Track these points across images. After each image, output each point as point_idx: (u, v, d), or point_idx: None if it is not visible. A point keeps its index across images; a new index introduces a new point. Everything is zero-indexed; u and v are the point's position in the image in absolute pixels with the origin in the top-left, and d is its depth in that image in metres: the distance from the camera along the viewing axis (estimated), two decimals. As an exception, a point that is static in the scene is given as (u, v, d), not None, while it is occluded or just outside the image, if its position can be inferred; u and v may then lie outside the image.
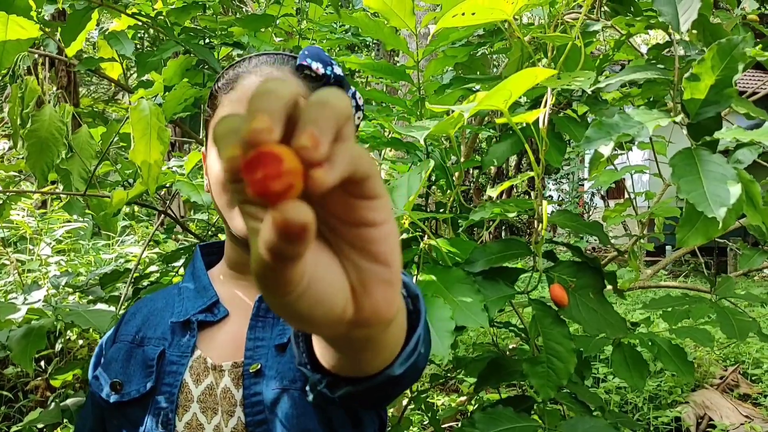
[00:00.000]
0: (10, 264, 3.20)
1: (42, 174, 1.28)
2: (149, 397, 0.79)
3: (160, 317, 0.86)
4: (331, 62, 0.83)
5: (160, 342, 0.83)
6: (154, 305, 0.88)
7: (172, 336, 0.83)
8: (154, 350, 0.82)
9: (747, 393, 3.78)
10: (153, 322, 0.86)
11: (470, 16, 1.24)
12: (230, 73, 0.85)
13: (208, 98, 0.88)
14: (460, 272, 1.23)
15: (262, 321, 0.82)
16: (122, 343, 0.85)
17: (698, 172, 0.98)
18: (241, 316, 0.84)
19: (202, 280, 0.88)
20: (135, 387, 0.80)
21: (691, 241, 1.02)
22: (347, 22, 1.52)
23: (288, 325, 0.82)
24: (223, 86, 0.84)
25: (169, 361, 0.81)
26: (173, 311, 0.85)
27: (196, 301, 0.85)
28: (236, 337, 0.83)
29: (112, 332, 0.88)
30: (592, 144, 0.99)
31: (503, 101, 1.07)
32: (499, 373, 1.33)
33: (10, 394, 3.03)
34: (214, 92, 0.86)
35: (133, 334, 0.85)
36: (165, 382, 0.80)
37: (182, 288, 0.88)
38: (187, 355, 0.81)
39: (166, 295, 0.90)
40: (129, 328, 0.86)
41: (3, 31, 1.25)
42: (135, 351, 0.83)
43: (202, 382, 0.80)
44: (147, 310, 0.88)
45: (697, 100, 1.08)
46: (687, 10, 1.19)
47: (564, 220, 1.26)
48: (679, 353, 1.58)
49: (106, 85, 11.49)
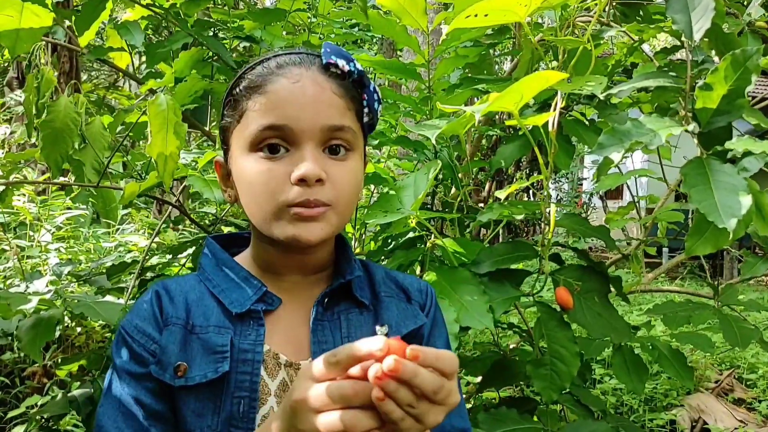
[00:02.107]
0: (10, 250, 3.20)
1: (56, 165, 1.27)
2: (220, 383, 0.77)
3: (204, 307, 0.82)
4: (352, 58, 0.83)
5: (221, 330, 0.79)
6: (186, 295, 0.83)
7: (234, 325, 0.80)
8: (219, 337, 0.79)
9: (741, 397, 3.80)
10: (198, 312, 0.81)
11: (483, 18, 1.25)
12: (251, 76, 0.82)
13: (227, 102, 0.85)
14: (466, 273, 1.23)
15: (321, 324, 0.83)
16: (176, 327, 0.80)
17: (709, 182, 0.99)
18: (289, 313, 0.84)
19: (238, 271, 0.85)
20: (201, 372, 0.77)
21: (700, 250, 1.03)
22: (359, 19, 1.52)
23: (356, 330, 0.84)
24: (246, 91, 0.81)
25: (241, 349, 0.78)
26: (219, 301, 0.82)
27: (242, 291, 0.82)
28: (293, 334, 0.83)
29: (149, 314, 0.81)
30: (604, 150, 1.00)
31: (514, 103, 1.07)
32: (504, 374, 1.34)
33: (7, 380, 3.03)
34: (236, 96, 0.83)
35: (183, 319, 0.80)
36: (240, 370, 0.77)
37: (209, 279, 0.85)
38: (261, 343, 0.79)
39: (190, 285, 0.85)
40: (175, 311, 0.81)
41: (17, 18, 1.25)
42: (190, 337, 0.79)
43: (276, 377, 0.79)
44: (182, 299, 0.83)
45: (709, 109, 1.09)
46: (700, 18, 1.20)
47: (571, 224, 1.27)
48: (679, 358, 1.59)
49: (107, 72, 11.45)
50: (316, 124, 0.78)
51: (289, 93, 0.78)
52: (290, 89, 0.78)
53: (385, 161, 2.33)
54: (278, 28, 1.88)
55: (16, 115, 5.04)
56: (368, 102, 0.85)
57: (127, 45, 1.73)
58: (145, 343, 0.79)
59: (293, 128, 0.77)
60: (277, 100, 0.78)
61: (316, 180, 0.76)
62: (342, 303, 0.86)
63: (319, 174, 0.76)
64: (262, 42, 1.69)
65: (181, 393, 0.77)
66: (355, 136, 0.82)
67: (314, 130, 0.78)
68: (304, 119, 0.77)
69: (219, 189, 1.20)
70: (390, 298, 0.90)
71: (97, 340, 3.19)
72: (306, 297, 0.86)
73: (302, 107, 0.78)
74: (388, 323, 0.86)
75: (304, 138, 0.77)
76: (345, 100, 0.81)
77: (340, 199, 0.79)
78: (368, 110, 0.85)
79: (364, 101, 0.85)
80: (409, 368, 0.57)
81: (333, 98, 0.80)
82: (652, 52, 1.69)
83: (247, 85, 0.81)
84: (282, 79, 0.79)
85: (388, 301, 0.90)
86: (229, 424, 0.76)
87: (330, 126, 0.79)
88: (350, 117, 0.82)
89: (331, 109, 0.79)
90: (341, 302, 0.86)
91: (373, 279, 0.91)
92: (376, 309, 0.88)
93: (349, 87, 0.82)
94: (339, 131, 0.79)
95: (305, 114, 0.77)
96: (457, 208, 1.51)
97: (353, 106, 0.82)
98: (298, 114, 0.77)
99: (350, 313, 0.86)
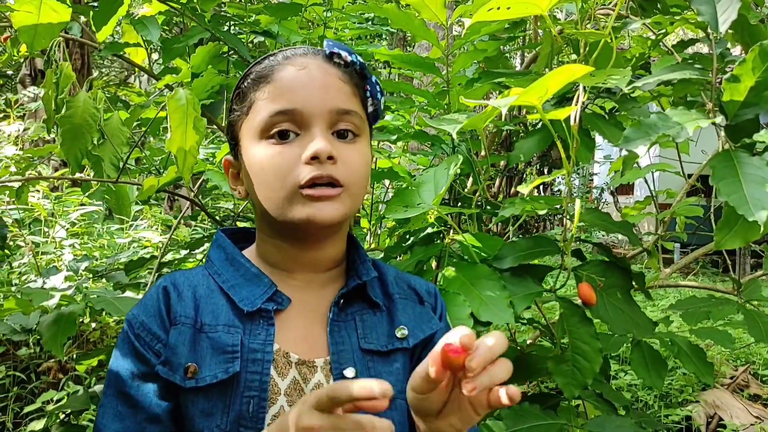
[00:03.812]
0: (25, 246, 3.22)
1: (75, 160, 1.27)
2: (230, 383, 0.76)
3: (213, 304, 0.81)
4: (352, 51, 0.85)
5: (230, 329, 0.79)
6: (195, 290, 0.82)
7: (243, 324, 0.79)
8: (230, 336, 0.78)
9: (757, 393, 3.77)
10: (207, 309, 0.81)
11: (505, 11, 1.23)
12: (258, 69, 0.84)
13: (235, 95, 0.86)
14: (486, 268, 1.22)
15: (337, 325, 0.83)
16: (184, 326, 0.79)
17: (738, 175, 0.97)
18: (301, 312, 0.84)
19: (248, 267, 0.84)
20: (211, 372, 0.76)
21: (729, 244, 1.01)
22: (378, 13, 1.51)
23: (371, 332, 0.85)
24: (253, 83, 0.83)
25: (251, 349, 0.78)
26: (228, 298, 0.81)
27: (253, 288, 0.82)
28: (305, 332, 0.83)
29: (155, 311, 0.81)
30: (631, 144, 0.99)
31: (538, 97, 1.06)
32: (525, 370, 1.33)
33: (23, 375, 3.05)
34: (243, 89, 0.84)
35: (192, 318, 0.80)
36: (250, 370, 0.77)
37: (219, 274, 0.84)
38: (271, 342, 0.78)
39: (198, 279, 0.84)
40: (183, 309, 0.80)
41: (36, 13, 1.24)
42: (198, 336, 0.78)
43: (286, 376, 0.79)
44: (190, 294, 0.82)
45: (736, 101, 1.07)
46: (726, 9, 1.18)
47: (593, 219, 1.26)
48: (699, 353, 1.57)
49: (117, 68, 11.50)
50: (325, 106, 0.79)
51: (297, 78, 0.80)
52: (297, 75, 0.80)
53: (400, 157, 2.31)
54: (294, 23, 1.88)
55: (29, 111, 5.07)
56: (371, 92, 0.87)
57: (143, 40, 1.73)
58: (150, 341, 0.79)
59: (302, 111, 0.78)
60: (286, 86, 0.80)
61: (327, 157, 0.77)
62: (355, 303, 0.86)
63: (331, 151, 0.77)
64: (279, 37, 1.68)
65: (190, 393, 0.76)
66: (361, 122, 0.84)
67: (323, 112, 0.79)
68: (312, 102, 0.79)
69: None
70: (404, 299, 0.90)
71: (111, 336, 3.21)
72: (317, 295, 0.85)
73: (311, 91, 0.79)
74: (405, 325, 0.87)
75: (314, 121, 0.79)
76: (350, 86, 0.83)
77: (353, 179, 0.80)
78: (371, 99, 0.87)
79: (367, 91, 0.87)
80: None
81: (339, 83, 0.82)
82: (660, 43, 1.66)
83: (255, 77, 0.83)
84: (289, 67, 0.81)
85: (402, 303, 0.90)
86: (239, 423, 0.76)
87: (338, 109, 0.80)
88: (356, 103, 0.84)
89: (339, 93, 0.81)
90: (354, 302, 0.86)
91: (384, 279, 0.91)
92: (389, 310, 0.88)
93: (352, 74, 0.85)
94: (347, 114, 0.81)
95: (314, 97, 0.79)
96: (475, 203, 1.50)
97: (358, 93, 0.85)
98: (306, 97, 0.79)
99: (364, 314, 0.86)
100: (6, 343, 3.04)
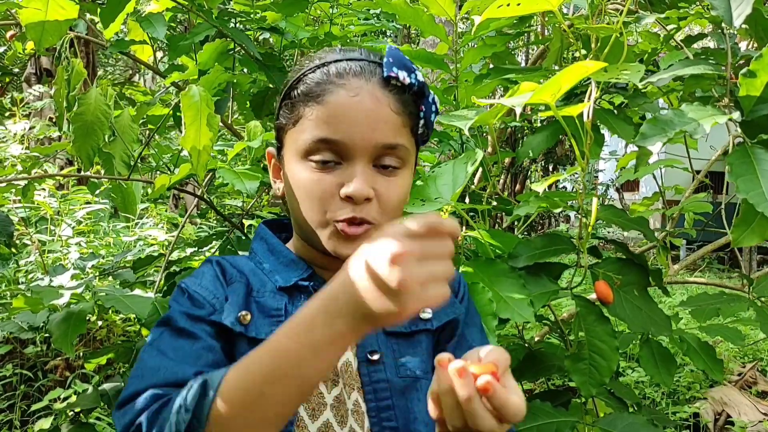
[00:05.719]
0: (31, 244, 3.22)
1: (87, 157, 1.27)
2: None
3: (259, 280, 0.85)
4: (413, 69, 0.82)
5: (276, 295, 0.83)
6: (242, 269, 0.86)
7: (287, 295, 0.83)
8: (275, 301, 0.82)
9: (765, 390, 3.76)
10: (255, 279, 0.85)
11: (515, 7, 1.22)
12: (310, 82, 0.81)
13: (283, 103, 0.85)
14: (504, 265, 1.21)
15: None
16: (239, 284, 0.83)
17: (755, 171, 0.96)
18: None
19: (287, 254, 0.88)
20: (256, 329, 0.79)
21: (747, 241, 1.00)
22: (386, 8, 1.50)
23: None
24: (303, 96, 0.81)
25: None
26: (271, 278, 0.85)
27: (291, 272, 0.85)
28: None
29: (212, 276, 0.84)
30: (647, 140, 0.98)
31: (551, 94, 1.05)
32: (536, 367, 1.32)
33: (30, 373, 3.05)
34: (294, 100, 0.82)
35: (245, 280, 0.84)
36: None
37: (260, 262, 0.88)
38: None
39: (244, 262, 0.88)
40: (237, 275, 0.84)
41: (44, 11, 1.24)
42: (250, 298, 0.82)
43: None
44: (237, 272, 0.85)
45: (752, 97, 1.06)
46: (741, 4, 1.16)
47: (610, 216, 1.24)
48: (709, 351, 1.56)
49: (122, 67, 11.49)
50: (371, 141, 0.78)
51: (347, 107, 0.78)
52: (348, 103, 0.78)
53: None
54: (300, 19, 1.86)
55: (35, 110, 5.07)
56: (425, 114, 0.85)
57: (149, 38, 1.72)
58: (207, 295, 0.81)
59: (347, 143, 0.78)
60: (334, 113, 0.78)
61: (364, 199, 0.77)
62: None
63: (368, 194, 0.77)
64: (286, 33, 1.67)
65: (241, 340, 0.78)
66: (407, 153, 0.83)
67: (368, 147, 0.78)
68: (358, 135, 0.78)
69: (249, 180, 1.21)
70: None
71: (118, 334, 3.21)
72: None
73: (358, 123, 0.78)
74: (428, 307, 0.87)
75: (357, 154, 0.78)
76: (402, 117, 0.81)
77: (386, 216, 0.81)
78: (424, 122, 0.85)
79: (421, 112, 0.84)
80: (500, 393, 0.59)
81: (390, 115, 0.80)
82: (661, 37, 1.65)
83: (306, 91, 0.81)
84: (341, 91, 0.79)
85: None
86: None
87: (384, 144, 0.79)
88: (405, 133, 0.82)
89: (387, 126, 0.80)
90: None
91: None
92: None
93: (407, 101, 0.82)
94: (392, 149, 0.80)
95: (360, 130, 0.78)
96: (486, 200, 1.49)
97: (409, 122, 0.83)
98: (353, 130, 0.78)
99: None
100: (13, 341, 3.05)
